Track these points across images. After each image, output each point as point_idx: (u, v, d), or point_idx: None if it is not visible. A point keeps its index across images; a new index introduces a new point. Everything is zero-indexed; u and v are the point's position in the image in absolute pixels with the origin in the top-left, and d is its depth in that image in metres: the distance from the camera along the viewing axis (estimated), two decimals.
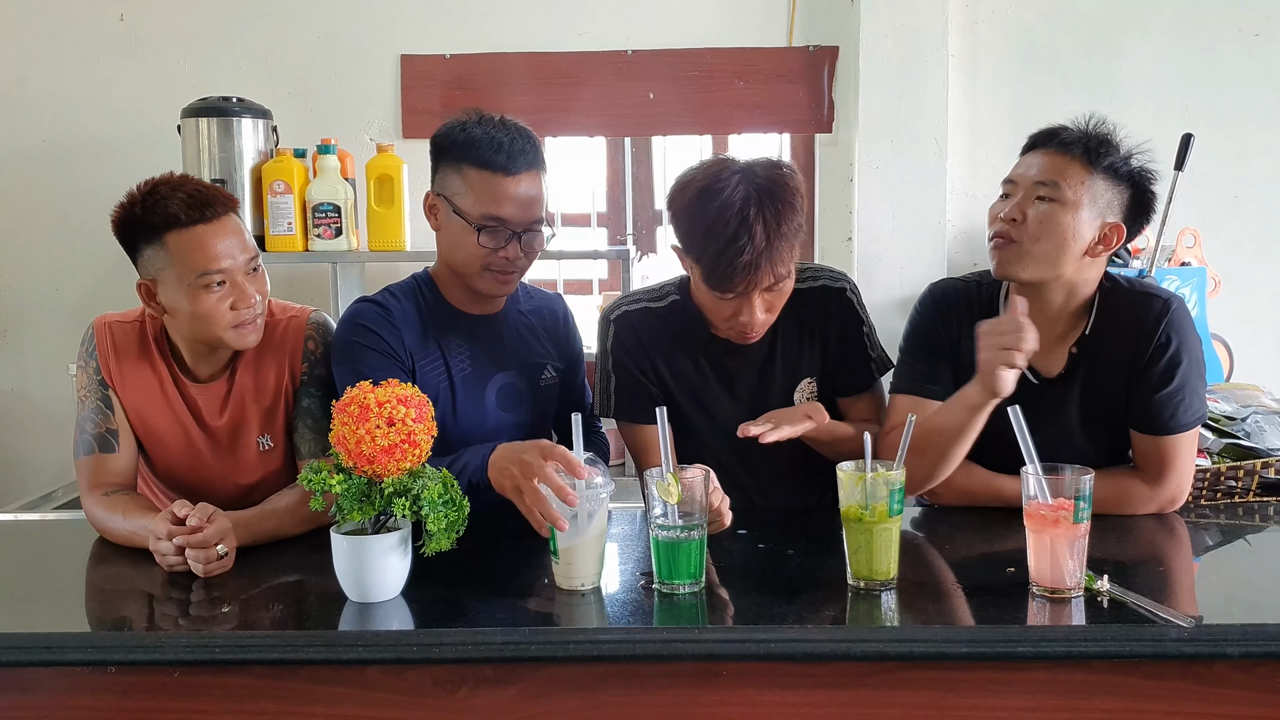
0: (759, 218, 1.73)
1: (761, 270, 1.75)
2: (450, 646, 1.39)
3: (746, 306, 1.80)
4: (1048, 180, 1.79)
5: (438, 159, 1.91)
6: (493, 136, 1.85)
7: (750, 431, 1.77)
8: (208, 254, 1.77)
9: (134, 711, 1.45)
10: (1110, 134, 1.83)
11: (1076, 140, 1.81)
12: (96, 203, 3.28)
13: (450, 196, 1.87)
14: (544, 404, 2.04)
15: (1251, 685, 1.38)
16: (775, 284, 1.80)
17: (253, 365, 1.92)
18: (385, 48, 3.35)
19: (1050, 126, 1.87)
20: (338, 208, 3.03)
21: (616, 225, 3.72)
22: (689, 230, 1.80)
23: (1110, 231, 1.80)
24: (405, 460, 1.47)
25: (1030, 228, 1.79)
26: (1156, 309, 1.82)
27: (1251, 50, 3.23)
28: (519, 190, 1.86)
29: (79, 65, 3.34)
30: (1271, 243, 3.28)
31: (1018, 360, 1.68)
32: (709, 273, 1.78)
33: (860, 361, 1.99)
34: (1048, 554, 1.47)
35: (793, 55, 3.33)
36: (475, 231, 1.85)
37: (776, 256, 1.75)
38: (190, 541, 1.61)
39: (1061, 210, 1.78)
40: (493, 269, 1.88)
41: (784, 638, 1.39)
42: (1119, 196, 1.81)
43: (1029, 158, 1.86)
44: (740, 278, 1.75)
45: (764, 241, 1.73)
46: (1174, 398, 1.80)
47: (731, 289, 1.77)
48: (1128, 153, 1.83)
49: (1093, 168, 1.79)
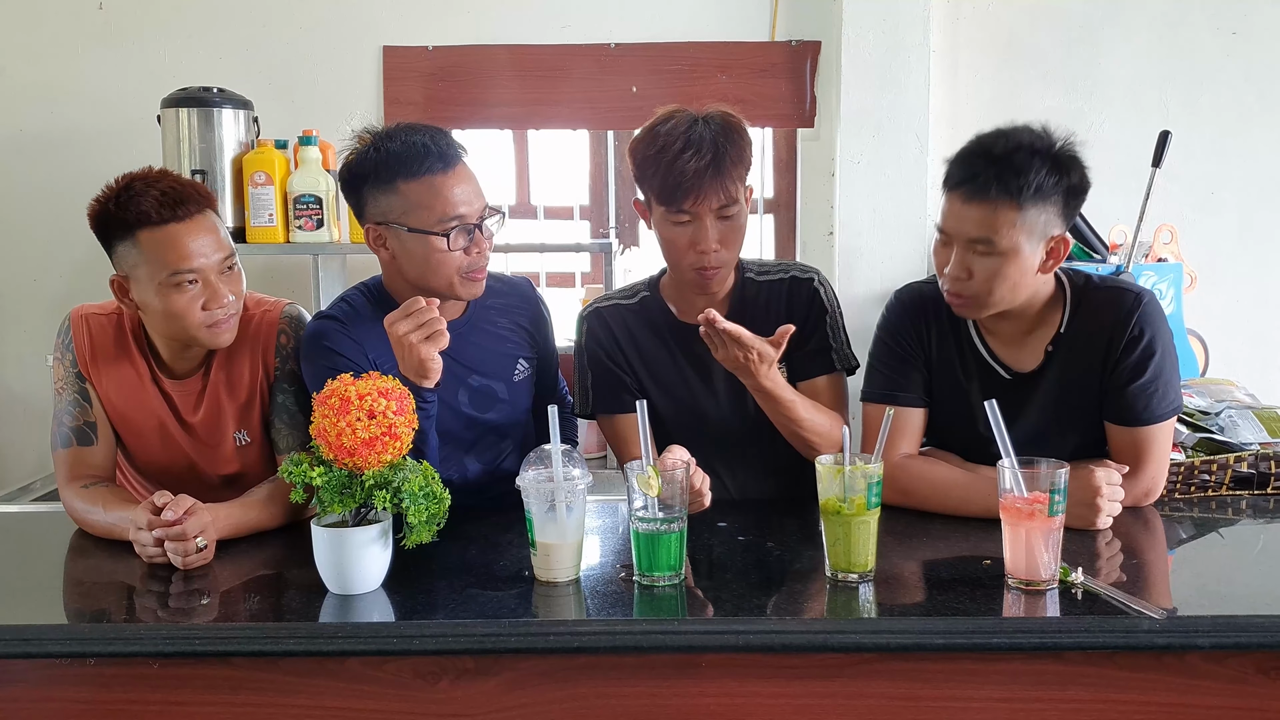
0: (707, 131, 1.84)
1: (709, 182, 1.82)
2: (430, 638, 1.40)
3: (701, 232, 1.85)
4: (980, 237, 1.75)
5: (359, 190, 1.87)
6: (412, 143, 1.82)
7: (709, 314, 1.76)
8: (180, 253, 1.76)
9: (114, 703, 1.45)
10: (1021, 144, 1.75)
11: (994, 180, 1.73)
12: (75, 193, 3.24)
13: (397, 219, 1.83)
14: (519, 398, 2.04)
15: (1222, 676, 1.40)
16: (727, 204, 1.85)
17: (227, 361, 1.91)
18: (368, 39, 3.33)
19: (963, 158, 1.80)
20: (319, 199, 3.02)
21: (599, 218, 3.72)
22: (643, 157, 1.87)
23: (1056, 244, 1.79)
24: (386, 453, 1.47)
25: (979, 283, 1.78)
26: (1128, 303, 1.83)
27: (1229, 48, 3.25)
28: (463, 184, 1.85)
29: (57, 54, 3.31)
30: (1247, 239, 3.31)
31: (1099, 522, 1.72)
32: (661, 189, 1.83)
33: (820, 349, 2.00)
34: (1023, 546, 1.48)
35: (775, 50, 3.33)
36: (444, 238, 1.81)
37: (724, 172, 1.83)
38: (169, 534, 1.61)
39: (1004, 261, 1.75)
40: (469, 271, 1.86)
41: (762, 629, 1.40)
42: (1054, 209, 1.76)
43: (956, 207, 1.78)
44: (691, 187, 1.81)
45: (711, 153, 1.82)
46: (1148, 389, 1.81)
47: (682, 203, 1.83)
48: (1046, 148, 1.74)
49: (1020, 203, 1.72)
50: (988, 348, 1.92)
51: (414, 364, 1.71)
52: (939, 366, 1.94)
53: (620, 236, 3.67)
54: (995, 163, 1.74)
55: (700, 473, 1.70)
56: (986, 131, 1.82)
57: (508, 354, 2.02)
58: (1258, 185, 3.30)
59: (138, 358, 1.90)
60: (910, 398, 1.93)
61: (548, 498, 1.53)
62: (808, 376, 2.01)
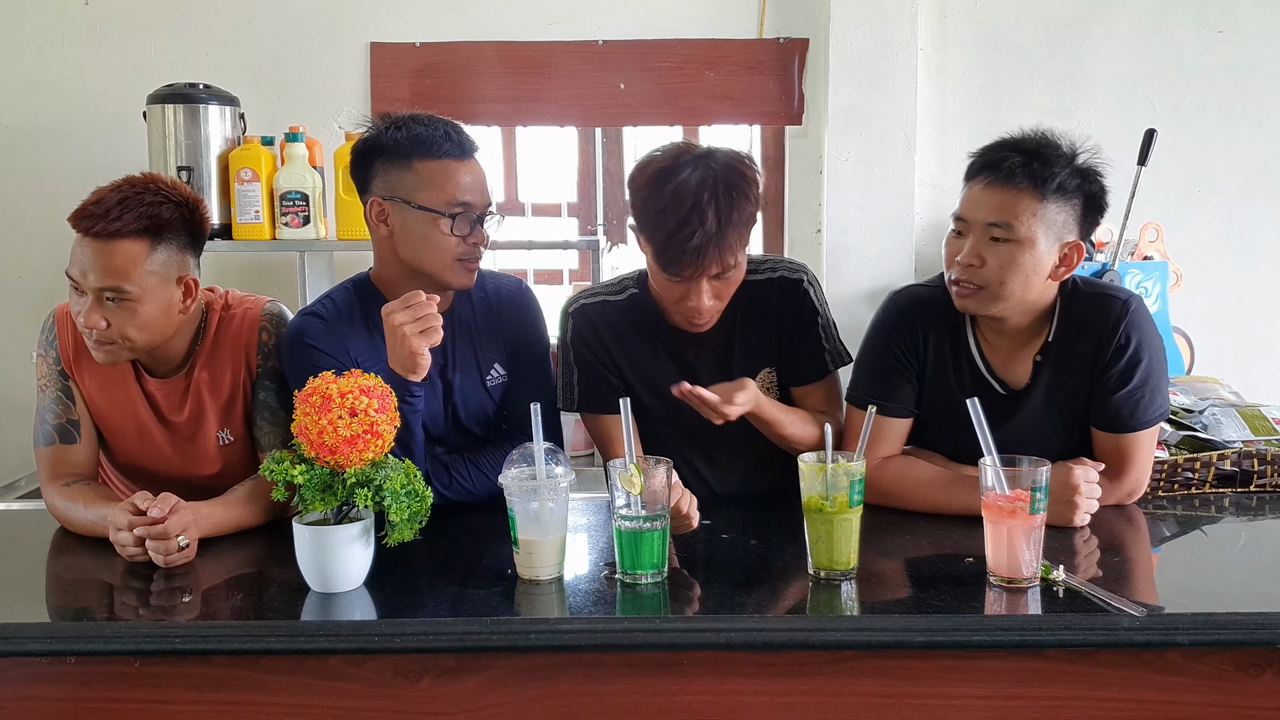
0: (712, 203, 1.76)
1: (709, 256, 1.78)
2: (412, 636, 1.39)
3: (695, 291, 1.83)
4: (1000, 221, 1.76)
5: (371, 163, 1.88)
6: (435, 127, 1.86)
7: (683, 388, 1.78)
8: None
9: (95, 702, 1.45)
10: (1050, 142, 1.79)
11: (1020, 168, 1.75)
12: (60, 190, 3.24)
13: (405, 195, 1.85)
14: (488, 403, 2.01)
15: (1201, 673, 1.40)
16: (723, 272, 1.82)
17: (209, 359, 1.91)
18: (354, 35, 3.33)
19: (991, 149, 1.82)
20: (306, 196, 3.01)
21: (587, 215, 3.72)
22: (643, 210, 1.83)
23: (1070, 251, 1.79)
24: (368, 451, 1.47)
25: (991, 272, 1.77)
26: (1116, 310, 1.82)
27: (1214, 46, 3.27)
28: (474, 175, 1.88)
29: (42, 50, 3.30)
30: (1232, 237, 3.33)
31: (1076, 519, 1.73)
32: (659, 253, 1.80)
33: (814, 352, 1.99)
34: (1005, 544, 1.49)
35: (763, 47, 3.33)
36: (448, 220, 1.83)
37: (725, 244, 1.79)
38: (151, 533, 1.60)
39: (1019, 249, 1.75)
40: (464, 259, 1.87)
41: (745, 627, 1.40)
42: (1073, 212, 1.78)
43: (976, 193, 1.80)
44: (689, 261, 1.78)
45: (714, 227, 1.76)
46: (1134, 396, 1.81)
47: (680, 272, 1.80)
48: (1072, 154, 1.79)
49: (1043, 195, 1.74)
50: (985, 361, 1.90)
51: (404, 356, 1.71)
52: (933, 375, 1.92)
53: (608, 233, 3.66)
54: (1024, 153, 1.77)
55: (688, 494, 1.68)
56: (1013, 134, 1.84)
57: (484, 357, 2.00)
58: (1242, 183, 3.32)
59: None
60: (896, 408, 1.91)
61: (530, 495, 1.53)
62: (803, 382, 2.01)
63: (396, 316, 1.71)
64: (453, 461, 1.92)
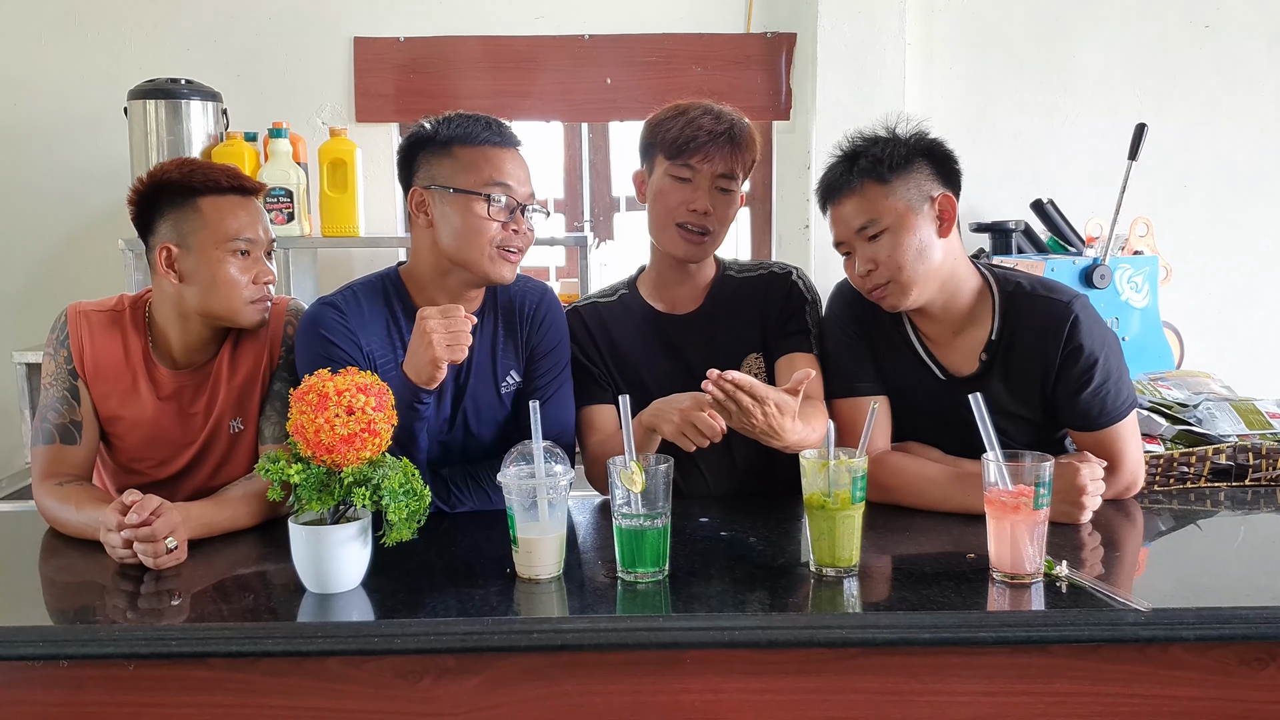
0: (724, 110, 1.97)
1: (720, 145, 1.93)
2: (411, 637, 1.37)
3: (699, 191, 1.94)
4: (865, 222, 1.83)
5: (414, 155, 1.88)
6: (476, 119, 1.87)
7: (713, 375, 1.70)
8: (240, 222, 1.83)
9: (88, 705, 1.42)
10: (864, 137, 1.87)
11: (851, 172, 1.84)
12: (38, 187, 3.22)
13: (444, 181, 1.83)
14: (498, 411, 1.98)
15: (1205, 667, 1.40)
16: (728, 175, 1.94)
17: (236, 349, 1.91)
18: (338, 30, 3.30)
19: (823, 178, 1.91)
20: (290, 192, 2.98)
21: (574, 212, 3.70)
22: (659, 122, 1.98)
23: (941, 204, 1.83)
24: (365, 449, 1.45)
25: (887, 266, 1.82)
26: (1058, 313, 1.83)
27: (1201, 42, 3.28)
28: (513, 162, 1.88)
29: (21, 45, 3.26)
30: (1220, 232, 3.35)
31: (1081, 518, 1.73)
32: (674, 141, 1.94)
33: (800, 330, 2.02)
34: (1008, 540, 1.48)
35: (751, 42, 3.32)
36: (484, 202, 1.81)
37: (737, 143, 1.95)
38: (138, 535, 1.57)
39: (897, 233, 1.81)
40: (504, 246, 1.83)
41: (747, 625, 1.39)
42: (922, 173, 1.84)
43: (835, 215, 1.88)
44: (703, 143, 1.92)
45: (729, 124, 1.95)
46: (1099, 393, 1.82)
47: (693, 155, 1.92)
48: (889, 133, 1.86)
49: (883, 178, 1.82)
50: (925, 348, 1.94)
51: (424, 362, 1.69)
52: (882, 361, 1.96)
53: (595, 230, 3.65)
54: (847, 158, 1.87)
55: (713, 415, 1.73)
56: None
57: (500, 364, 1.96)
58: (1228, 178, 3.34)
59: (135, 353, 1.88)
60: (871, 386, 1.94)
61: (529, 494, 1.51)
62: (785, 353, 2.02)
63: (430, 322, 1.68)
64: (452, 475, 1.90)
